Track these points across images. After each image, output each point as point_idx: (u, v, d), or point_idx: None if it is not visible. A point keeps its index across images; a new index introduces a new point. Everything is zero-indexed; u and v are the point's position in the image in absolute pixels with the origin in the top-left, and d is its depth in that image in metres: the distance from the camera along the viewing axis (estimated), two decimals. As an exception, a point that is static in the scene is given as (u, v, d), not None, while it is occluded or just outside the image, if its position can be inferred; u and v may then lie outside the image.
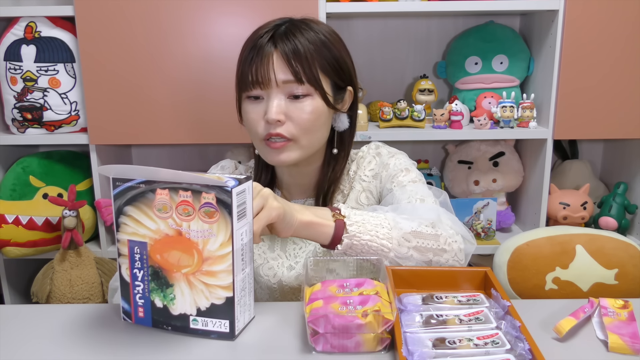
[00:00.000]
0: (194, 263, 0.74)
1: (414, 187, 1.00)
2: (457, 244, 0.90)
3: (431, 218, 0.91)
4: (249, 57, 0.95)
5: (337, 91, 1.01)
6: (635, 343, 0.72)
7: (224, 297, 0.74)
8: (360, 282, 0.78)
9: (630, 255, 1.20)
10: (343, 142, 1.07)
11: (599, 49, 1.60)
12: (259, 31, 0.97)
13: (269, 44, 0.94)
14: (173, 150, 2.02)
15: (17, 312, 0.86)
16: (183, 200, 0.71)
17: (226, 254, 0.72)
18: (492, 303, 0.76)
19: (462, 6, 1.61)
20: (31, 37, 1.60)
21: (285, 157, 0.97)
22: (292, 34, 0.94)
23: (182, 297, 0.75)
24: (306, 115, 0.95)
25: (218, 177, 0.72)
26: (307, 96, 0.95)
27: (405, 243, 0.86)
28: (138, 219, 0.75)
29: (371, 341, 0.71)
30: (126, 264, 0.78)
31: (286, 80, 0.93)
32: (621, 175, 1.89)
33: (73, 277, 1.58)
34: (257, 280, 1.06)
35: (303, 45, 0.94)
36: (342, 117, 1.04)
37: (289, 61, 0.93)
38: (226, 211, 0.70)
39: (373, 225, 0.86)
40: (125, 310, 0.80)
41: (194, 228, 0.72)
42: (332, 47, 0.98)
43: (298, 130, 0.96)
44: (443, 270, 0.87)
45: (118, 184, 0.75)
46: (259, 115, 0.96)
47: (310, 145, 0.99)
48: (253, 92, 0.96)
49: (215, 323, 0.75)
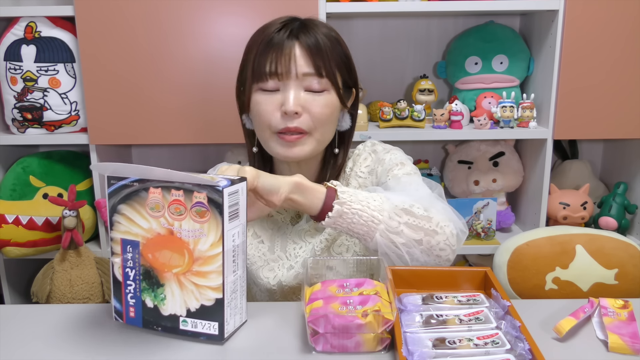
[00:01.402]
0: (184, 263, 0.73)
1: (409, 179, 0.99)
2: (449, 228, 0.88)
3: (424, 201, 0.89)
4: (266, 50, 0.94)
5: (345, 89, 1.02)
6: (635, 343, 0.72)
7: (213, 298, 0.73)
8: (360, 282, 0.78)
9: (630, 255, 1.20)
10: (343, 141, 1.08)
11: (599, 49, 1.60)
12: (270, 27, 0.97)
13: (289, 37, 0.94)
14: (173, 150, 2.02)
15: (17, 312, 0.86)
16: (175, 199, 0.71)
17: (216, 254, 0.71)
18: (492, 303, 0.76)
19: (462, 6, 1.61)
20: (31, 37, 1.60)
21: (298, 151, 0.97)
22: (310, 28, 0.95)
23: (173, 297, 0.75)
24: (322, 108, 0.96)
25: (211, 177, 0.71)
26: (324, 91, 0.96)
27: (396, 217, 0.85)
28: (131, 218, 0.75)
29: (371, 341, 0.71)
30: (119, 263, 0.77)
31: (307, 73, 0.94)
32: (621, 175, 1.89)
33: (73, 277, 1.58)
34: (256, 283, 1.06)
35: (322, 41, 0.95)
36: (345, 116, 1.05)
37: (311, 54, 0.93)
38: (217, 211, 0.70)
39: (364, 196, 0.85)
40: (117, 310, 0.79)
41: (185, 227, 0.72)
42: (342, 45, 1.00)
43: (314, 123, 0.96)
44: (443, 270, 0.87)
45: (113, 182, 0.75)
46: (273, 106, 0.95)
47: (322, 139, 0.99)
48: (269, 84, 0.95)
49: (204, 325, 0.74)
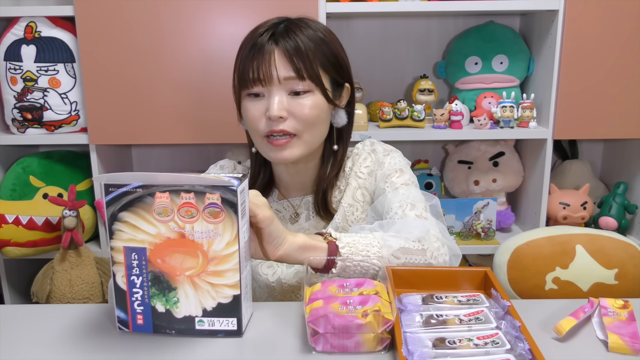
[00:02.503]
0: (198, 264, 0.74)
1: (406, 191, 1.00)
2: (442, 257, 0.92)
3: (418, 232, 0.92)
4: (250, 55, 0.96)
5: (336, 87, 1.03)
6: (635, 343, 0.72)
7: (231, 295, 0.74)
8: (360, 282, 0.78)
9: (630, 255, 1.20)
10: (342, 139, 1.08)
11: (599, 49, 1.60)
12: (258, 30, 0.98)
13: (269, 41, 0.95)
14: (173, 150, 2.02)
15: (17, 312, 0.86)
16: (185, 202, 0.71)
17: (233, 252, 0.72)
18: (492, 303, 0.76)
19: (462, 6, 1.61)
20: (31, 37, 1.60)
21: (288, 154, 0.98)
22: (292, 31, 0.96)
23: (187, 299, 0.75)
24: (308, 110, 0.96)
25: (216, 176, 0.72)
26: (308, 92, 0.96)
27: (394, 260, 0.88)
28: (135, 225, 0.73)
29: (371, 341, 0.70)
30: (122, 272, 0.76)
31: (287, 77, 0.94)
32: (621, 175, 1.89)
33: (73, 277, 1.58)
34: (255, 279, 1.06)
35: (304, 43, 0.95)
36: (340, 113, 1.05)
37: (291, 58, 0.94)
38: (232, 210, 0.70)
39: (364, 245, 0.87)
40: (121, 320, 0.78)
41: (198, 229, 0.72)
42: (331, 45, 0.99)
43: (301, 125, 0.96)
44: (443, 270, 0.87)
45: (111, 189, 0.72)
46: (259, 112, 0.97)
47: (312, 141, 1.00)
48: (254, 90, 0.96)
49: (222, 322, 0.75)
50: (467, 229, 1.80)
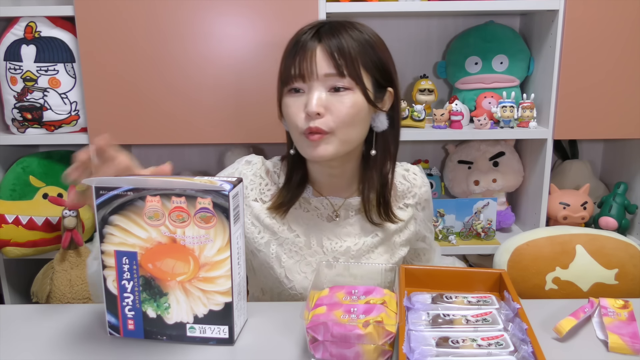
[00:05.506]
0: (189, 270, 0.72)
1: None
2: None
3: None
4: (292, 51, 0.96)
5: (378, 89, 1.01)
6: (635, 343, 0.72)
7: (222, 302, 0.73)
8: (369, 289, 0.76)
9: (630, 255, 1.20)
10: (386, 144, 1.06)
11: (599, 49, 1.60)
12: (303, 29, 0.99)
13: (313, 39, 0.95)
14: (173, 150, 2.02)
15: (17, 312, 0.86)
16: (177, 206, 0.70)
17: (224, 259, 0.71)
18: (502, 305, 0.76)
19: (462, 6, 1.61)
20: (31, 37, 1.60)
21: (322, 151, 0.96)
22: (336, 30, 0.96)
23: (178, 305, 0.74)
24: (346, 108, 0.95)
25: (210, 180, 0.70)
26: (348, 90, 0.95)
27: None
28: (126, 228, 0.72)
29: (372, 353, 0.68)
30: (113, 276, 0.75)
31: (328, 74, 0.94)
32: (621, 175, 1.89)
33: (73, 277, 1.58)
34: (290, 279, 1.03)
35: (347, 42, 0.95)
36: (381, 116, 1.03)
37: (332, 55, 0.94)
38: (224, 215, 0.69)
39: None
40: (111, 325, 0.77)
41: (190, 234, 0.71)
42: (376, 47, 0.98)
43: (337, 123, 0.95)
44: (457, 270, 0.86)
45: (102, 192, 0.71)
46: (298, 108, 0.96)
47: (347, 139, 0.98)
48: (294, 85, 0.96)
49: (213, 329, 0.74)
50: (467, 229, 1.80)
